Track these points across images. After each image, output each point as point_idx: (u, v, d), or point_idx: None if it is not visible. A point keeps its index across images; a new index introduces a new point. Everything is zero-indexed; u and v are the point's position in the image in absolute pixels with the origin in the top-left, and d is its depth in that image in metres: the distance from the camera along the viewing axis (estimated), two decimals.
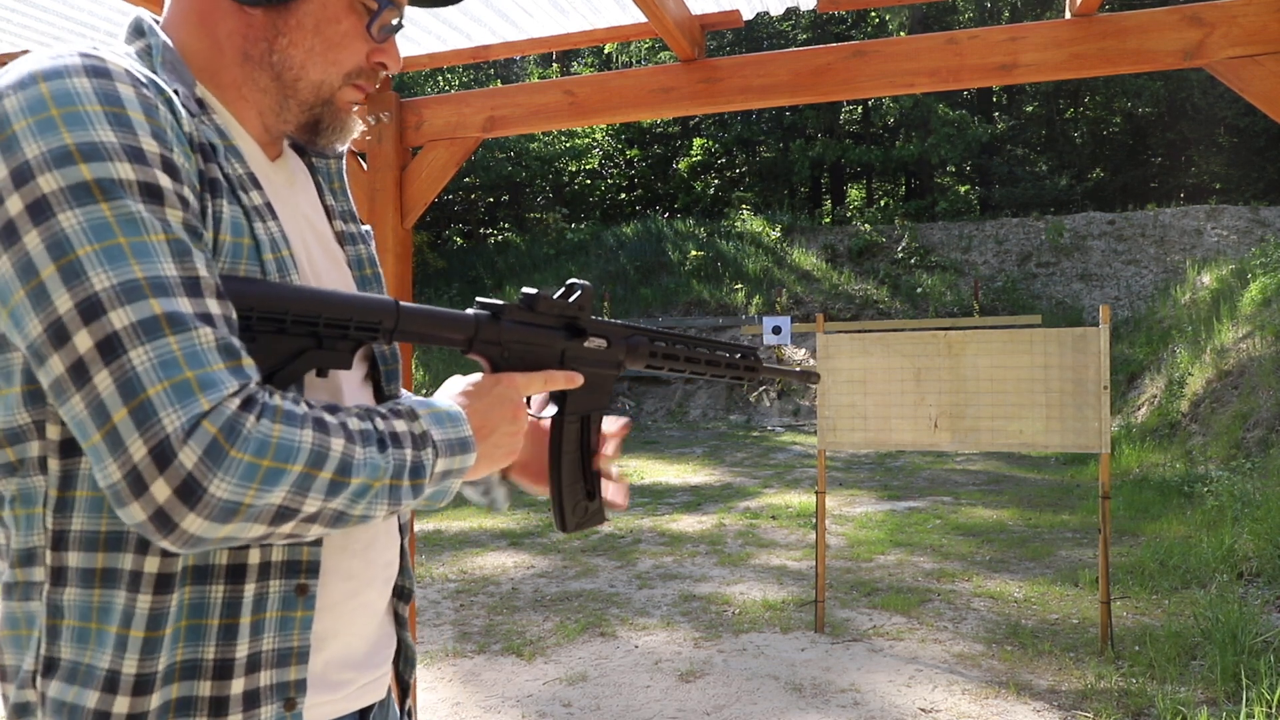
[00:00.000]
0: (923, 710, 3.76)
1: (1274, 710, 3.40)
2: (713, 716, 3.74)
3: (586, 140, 24.45)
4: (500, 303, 1.02)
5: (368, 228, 1.16)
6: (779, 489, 9.15)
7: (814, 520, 6.12)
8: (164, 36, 0.95)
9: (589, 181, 25.31)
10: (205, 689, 0.86)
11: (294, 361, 0.88)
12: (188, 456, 0.72)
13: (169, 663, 0.85)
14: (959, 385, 4.64)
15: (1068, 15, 2.30)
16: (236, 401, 0.75)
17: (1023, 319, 8.29)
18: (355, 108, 1.04)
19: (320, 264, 1.03)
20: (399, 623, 1.11)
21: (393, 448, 0.85)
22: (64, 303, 0.73)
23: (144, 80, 0.84)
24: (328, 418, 0.81)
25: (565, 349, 1.08)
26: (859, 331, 6.36)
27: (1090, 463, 9.63)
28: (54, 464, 0.83)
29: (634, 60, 24.67)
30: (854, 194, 27.30)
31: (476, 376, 1.01)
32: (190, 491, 0.72)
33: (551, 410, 1.13)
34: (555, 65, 26.29)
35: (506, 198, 25.48)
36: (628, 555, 6.48)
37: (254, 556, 0.88)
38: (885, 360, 4.75)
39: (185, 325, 0.75)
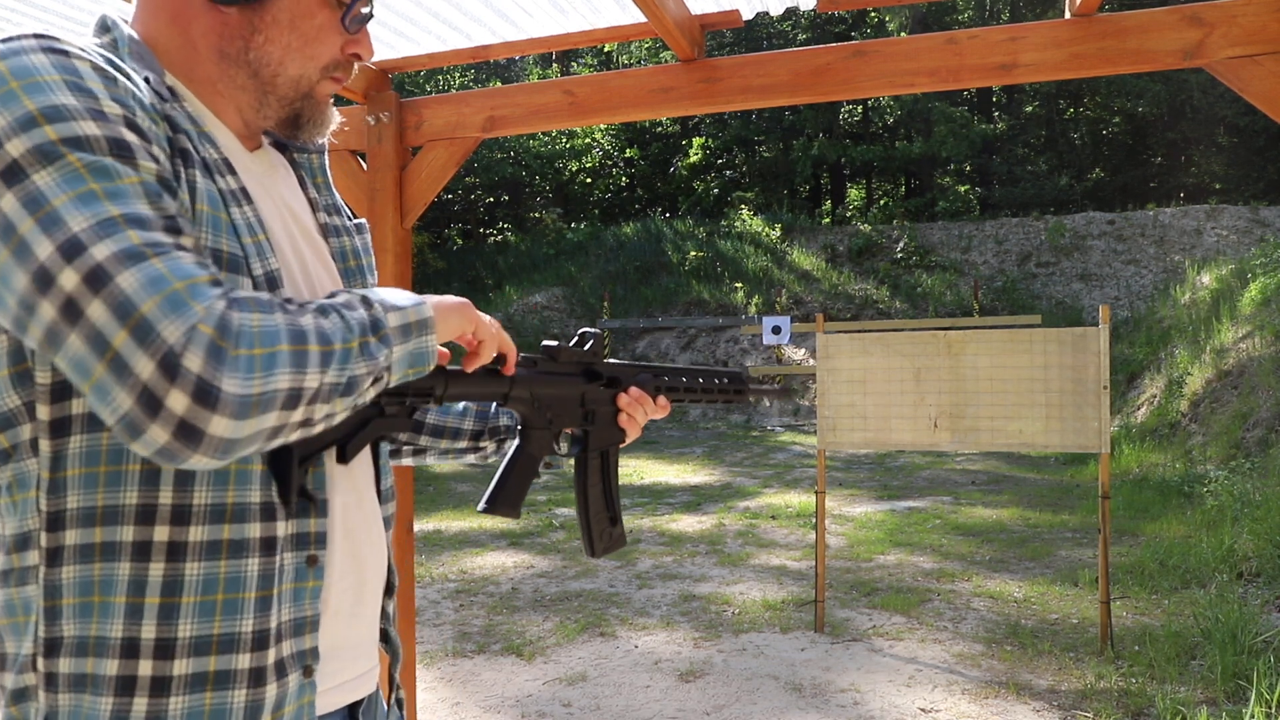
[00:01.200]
0: (923, 710, 3.76)
1: (1274, 710, 3.40)
2: (712, 716, 3.74)
3: (586, 141, 24.44)
4: (531, 356, 1.16)
5: (360, 220, 1.19)
6: (779, 489, 9.15)
7: (814, 520, 6.12)
8: (129, 30, 0.95)
9: (589, 181, 25.31)
10: (244, 661, 0.88)
11: (362, 430, 0.95)
12: (193, 362, 0.72)
13: (200, 633, 0.86)
14: (959, 385, 4.64)
15: (1067, 15, 2.30)
16: (223, 303, 0.75)
17: (1023, 319, 8.27)
18: (332, 99, 1.06)
19: (305, 252, 1.05)
20: (384, 617, 1.14)
21: (346, 311, 0.85)
22: (45, 249, 0.73)
23: (103, 58, 0.85)
24: (289, 304, 0.82)
25: (584, 392, 1.22)
26: (859, 331, 6.35)
27: (1090, 463, 9.63)
28: (45, 445, 0.84)
29: (634, 60, 24.67)
30: (854, 194, 27.29)
31: None
32: (206, 394, 0.72)
33: (572, 449, 1.27)
34: (555, 66, 26.28)
35: (506, 198, 25.48)
36: (627, 555, 6.48)
37: (254, 531, 0.89)
38: (885, 360, 4.75)
39: (166, 249, 0.75)
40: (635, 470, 10.49)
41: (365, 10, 1.03)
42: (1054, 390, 4.50)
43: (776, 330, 12.67)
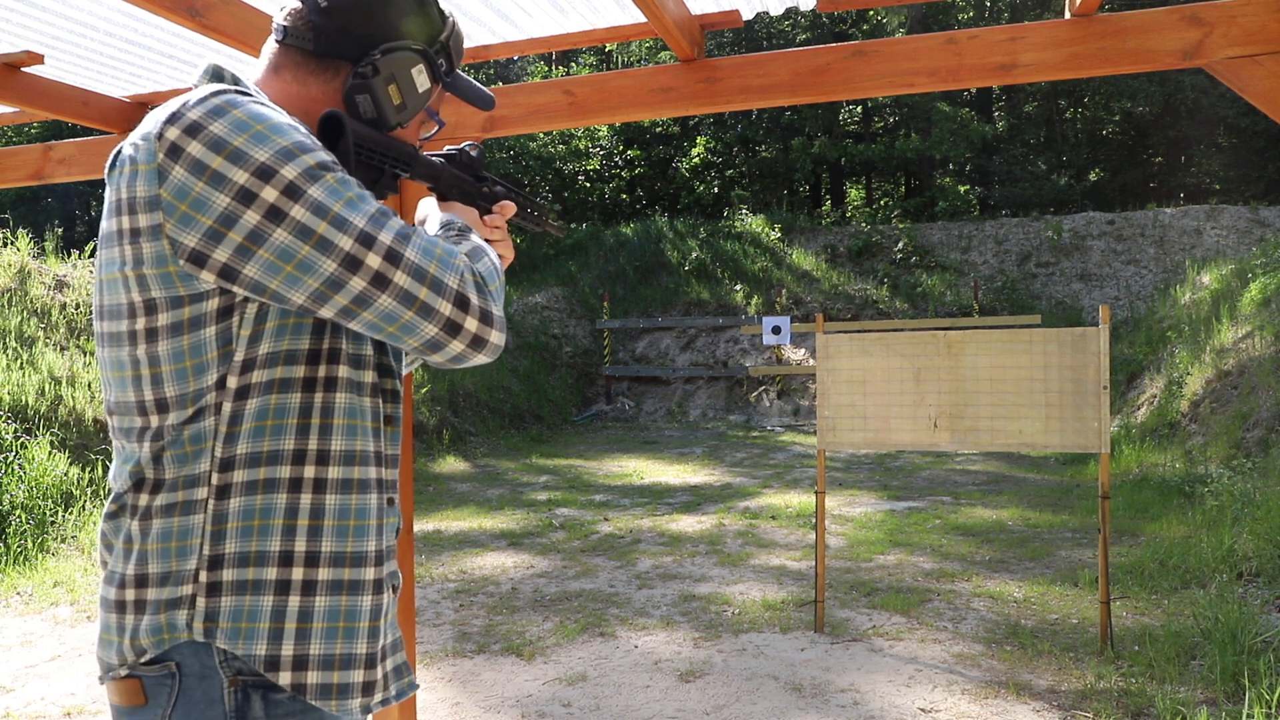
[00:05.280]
0: (922, 710, 3.76)
1: (1274, 710, 3.40)
2: (712, 716, 3.74)
3: (587, 142, 24.42)
4: (449, 153, 1.43)
5: None
6: (779, 489, 9.15)
7: (814, 520, 6.12)
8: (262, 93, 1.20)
9: (588, 184, 25.29)
10: (369, 573, 1.15)
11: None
12: (475, 297, 1.12)
13: (338, 549, 1.12)
14: (959, 385, 4.64)
15: (1067, 15, 2.30)
16: (465, 256, 1.14)
17: (1022, 319, 8.28)
18: None
19: None
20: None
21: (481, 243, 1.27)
22: (345, 242, 1.04)
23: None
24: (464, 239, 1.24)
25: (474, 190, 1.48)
26: (859, 331, 6.35)
27: (1090, 463, 9.63)
28: (228, 407, 1.08)
29: (634, 60, 24.66)
30: (854, 194, 27.26)
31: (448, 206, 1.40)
32: (487, 316, 1.13)
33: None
34: (558, 67, 26.26)
35: None
36: (627, 555, 6.48)
37: (372, 473, 1.17)
38: (885, 360, 4.75)
39: (412, 228, 1.10)
40: (635, 470, 10.48)
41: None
42: (1054, 390, 4.50)
43: (776, 330, 12.68)
